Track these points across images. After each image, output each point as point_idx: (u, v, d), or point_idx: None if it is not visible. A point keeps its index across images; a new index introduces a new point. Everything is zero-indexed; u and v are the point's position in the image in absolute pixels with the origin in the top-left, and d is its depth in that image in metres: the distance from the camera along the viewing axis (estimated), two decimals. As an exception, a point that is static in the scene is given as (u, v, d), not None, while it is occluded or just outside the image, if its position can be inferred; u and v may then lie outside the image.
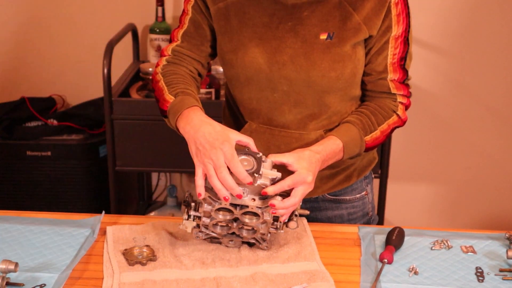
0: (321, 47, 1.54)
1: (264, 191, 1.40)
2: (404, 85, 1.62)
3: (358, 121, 1.59)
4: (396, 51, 1.58)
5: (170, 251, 1.49)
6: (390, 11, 1.54)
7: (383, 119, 1.61)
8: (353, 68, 1.57)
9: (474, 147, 3.04)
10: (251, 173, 1.37)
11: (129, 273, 1.41)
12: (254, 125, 1.66)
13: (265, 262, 1.47)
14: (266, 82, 1.59)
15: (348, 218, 1.76)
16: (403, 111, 1.64)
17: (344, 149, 1.56)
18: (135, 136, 2.57)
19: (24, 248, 1.51)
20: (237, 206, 1.42)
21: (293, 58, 1.55)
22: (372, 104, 1.63)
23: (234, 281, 1.39)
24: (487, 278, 1.43)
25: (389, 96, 1.62)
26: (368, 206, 1.79)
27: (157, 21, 2.83)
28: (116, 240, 1.53)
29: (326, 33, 1.54)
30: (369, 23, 1.54)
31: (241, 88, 1.64)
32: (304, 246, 1.53)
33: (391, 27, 1.55)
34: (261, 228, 1.46)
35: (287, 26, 1.56)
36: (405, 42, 1.58)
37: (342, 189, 1.73)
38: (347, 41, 1.54)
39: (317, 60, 1.55)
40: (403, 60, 1.60)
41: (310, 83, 1.57)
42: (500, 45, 2.87)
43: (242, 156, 1.39)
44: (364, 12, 1.53)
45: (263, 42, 1.57)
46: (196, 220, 1.45)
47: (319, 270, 1.44)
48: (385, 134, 1.62)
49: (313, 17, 1.55)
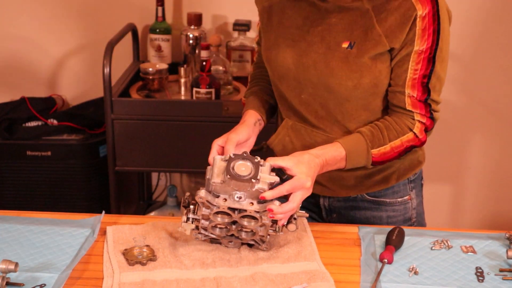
0: (341, 56, 1.55)
1: (262, 195, 1.39)
2: (423, 103, 1.57)
3: (368, 133, 1.57)
4: (417, 66, 1.54)
5: (170, 251, 1.49)
6: (415, 24, 1.51)
7: (396, 135, 1.57)
8: (373, 79, 1.56)
9: (474, 147, 3.04)
10: (249, 179, 1.37)
11: (129, 273, 1.41)
12: (290, 122, 1.69)
13: (265, 262, 1.47)
14: (295, 83, 1.63)
15: (387, 221, 1.73)
16: (420, 130, 1.58)
17: (346, 158, 1.54)
18: (135, 136, 2.57)
19: (24, 248, 1.51)
20: (235, 210, 1.42)
21: (315, 63, 1.58)
22: (389, 119, 1.59)
23: (234, 281, 1.39)
24: (487, 278, 1.43)
25: (405, 113, 1.58)
26: (411, 212, 1.75)
27: (157, 21, 2.83)
28: (116, 240, 1.53)
29: (348, 42, 1.54)
30: (391, 35, 1.52)
31: (277, 85, 1.68)
32: (304, 246, 1.53)
33: (413, 41, 1.52)
34: (260, 230, 1.46)
35: (316, 31, 1.58)
36: (430, 60, 1.54)
37: (381, 191, 1.71)
38: (366, 52, 1.53)
39: (335, 68, 1.55)
40: (426, 78, 1.55)
41: (329, 89, 1.58)
42: (501, 45, 2.87)
43: (240, 161, 1.39)
44: (387, 24, 1.52)
45: (294, 44, 1.60)
46: (195, 222, 1.45)
47: (319, 270, 1.44)
48: (397, 151, 1.58)
49: (340, 24, 1.55)
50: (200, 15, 2.75)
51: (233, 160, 1.38)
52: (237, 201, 1.39)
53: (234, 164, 1.38)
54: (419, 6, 1.50)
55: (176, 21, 2.90)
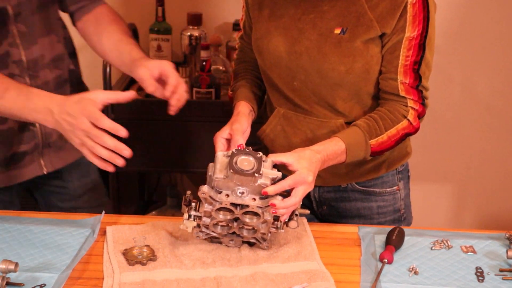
0: (333, 41, 1.58)
1: (264, 190, 1.40)
2: (415, 90, 1.60)
3: (364, 125, 1.59)
4: (409, 53, 1.57)
5: (170, 251, 1.49)
6: (406, 11, 1.54)
7: (391, 124, 1.60)
8: (365, 64, 1.58)
9: (474, 147, 3.04)
10: (252, 173, 1.37)
11: (129, 273, 1.41)
12: (282, 110, 1.71)
13: (265, 261, 1.47)
14: (287, 70, 1.65)
15: (377, 212, 1.76)
16: (414, 117, 1.61)
17: (346, 151, 1.56)
18: (135, 136, 2.56)
19: (24, 248, 1.51)
20: (237, 205, 1.42)
21: (308, 50, 1.61)
22: (382, 109, 1.62)
23: (234, 281, 1.39)
24: (487, 278, 1.43)
25: (399, 100, 1.61)
26: (399, 203, 1.78)
27: (157, 21, 2.83)
28: (116, 240, 1.53)
29: (340, 28, 1.58)
30: (382, 21, 1.55)
31: (268, 74, 1.71)
32: (304, 245, 1.53)
33: (405, 28, 1.55)
34: (262, 227, 1.46)
35: (308, 18, 1.61)
36: (421, 46, 1.57)
37: (371, 180, 1.74)
38: (358, 37, 1.56)
39: (328, 53, 1.58)
40: (417, 65, 1.58)
41: (322, 75, 1.61)
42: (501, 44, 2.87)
43: (243, 156, 1.40)
44: (378, 10, 1.55)
45: (285, 32, 1.63)
46: (197, 220, 1.45)
47: (319, 270, 1.44)
48: (393, 139, 1.61)
49: (332, 12, 1.59)
50: (200, 15, 2.75)
51: (236, 155, 1.39)
52: (239, 197, 1.40)
53: (237, 159, 1.39)
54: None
55: (176, 21, 2.90)
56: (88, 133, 1.39)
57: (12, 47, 1.63)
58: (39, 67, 1.69)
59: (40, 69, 1.69)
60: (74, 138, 1.42)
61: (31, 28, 1.66)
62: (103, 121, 1.40)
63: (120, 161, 1.43)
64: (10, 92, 1.48)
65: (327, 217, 1.82)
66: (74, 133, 1.41)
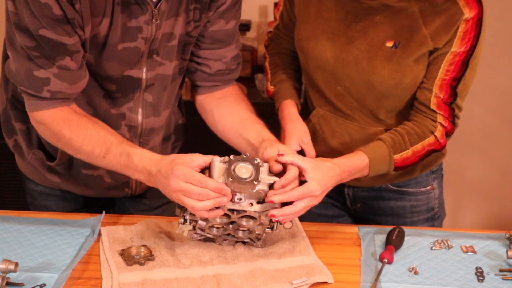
0: (385, 55, 1.56)
1: (270, 199, 1.39)
2: (448, 106, 1.58)
3: (389, 139, 1.57)
4: (450, 68, 1.55)
5: (167, 251, 1.49)
6: (458, 26, 1.52)
7: (417, 139, 1.58)
8: (413, 78, 1.57)
9: (474, 147, 3.03)
10: (251, 181, 1.37)
11: (127, 274, 1.41)
12: (321, 111, 1.70)
13: (262, 258, 1.47)
14: (331, 75, 1.63)
15: (410, 211, 1.76)
16: (442, 134, 1.59)
17: (370, 165, 1.55)
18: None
19: (24, 248, 1.51)
20: (234, 211, 1.42)
21: (357, 60, 1.58)
22: (409, 124, 1.60)
23: (234, 278, 1.39)
24: (487, 278, 1.43)
25: (428, 113, 1.59)
26: (433, 202, 1.78)
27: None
28: (112, 241, 1.53)
29: (393, 41, 1.55)
30: (436, 37, 1.53)
31: (310, 75, 1.69)
32: (297, 240, 1.54)
33: (453, 42, 1.53)
34: (257, 229, 1.46)
35: (358, 26, 1.58)
36: (464, 64, 1.55)
37: (405, 181, 1.73)
38: (411, 53, 1.54)
39: (378, 66, 1.56)
40: (456, 82, 1.56)
41: (369, 86, 1.59)
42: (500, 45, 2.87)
43: (241, 163, 1.39)
44: (433, 26, 1.52)
45: (333, 37, 1.61)
46: (193, 223, 1.45)
47: (316, 264, 1.45)
48: (418, 155, 1.59)
49: (385, 23, 1.56)
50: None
51: (234, 162, 1.38)
52: (237, 203, 1.39)
53: (235, 166, 1.38)
54: (466, 10, 1.50)
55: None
56: (183, 192, 1.37)
57: (131, 113, 1.60)
58: (152, 135, 1.67)
59: (153, 137, 1.68)
60: (174, 199, 1.40)
61: (157, 101, 1.63)
62: (201, 182, 1.36)
63: (225, 199, 1.37)
64: (112, 153, 1.47)
65: (360, 214, 1.83)
66: (171, 195, 1.40)
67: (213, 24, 1.59)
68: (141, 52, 1.52)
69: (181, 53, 1.60)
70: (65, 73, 1.44)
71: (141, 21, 1.47)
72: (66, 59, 1.43)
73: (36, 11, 1.37)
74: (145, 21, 1.47)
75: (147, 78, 1.57)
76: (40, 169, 1.68)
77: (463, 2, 1.51)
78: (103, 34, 1.46)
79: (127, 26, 1.47)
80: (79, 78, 1.47)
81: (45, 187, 1.75)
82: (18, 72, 1.45)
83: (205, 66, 1.65)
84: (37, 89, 1.45)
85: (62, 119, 1.48)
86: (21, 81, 1.46)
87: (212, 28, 1.60)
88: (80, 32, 1.42)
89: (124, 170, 1.47)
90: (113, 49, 1.48)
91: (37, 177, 1.73)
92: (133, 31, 1.48)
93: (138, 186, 1.75)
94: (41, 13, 1.37)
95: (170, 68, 1.60)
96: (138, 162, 1.44)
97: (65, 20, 1.39)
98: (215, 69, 1.65)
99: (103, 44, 1.47)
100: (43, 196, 1.77)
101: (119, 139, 1.49)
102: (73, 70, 1.45)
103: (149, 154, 1.45)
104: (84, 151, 1.48)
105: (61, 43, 1.41)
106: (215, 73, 1.65)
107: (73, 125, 1.48)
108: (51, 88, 1.45)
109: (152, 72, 1.57)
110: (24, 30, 1.40)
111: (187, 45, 1.60)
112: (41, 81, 1.44)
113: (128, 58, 1.51)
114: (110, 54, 1.49)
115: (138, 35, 1.49)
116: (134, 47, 1.50)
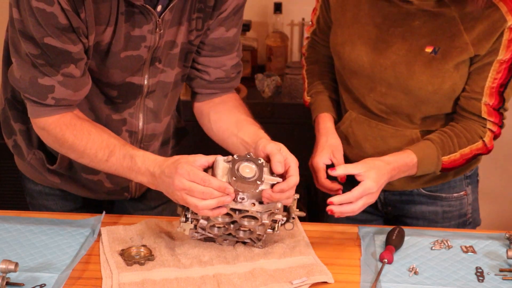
0: (424, 60, 1.55)
1: (329, 200, 1.44)
2: (497, 112, 1.58)
3: (438, 140, 1.57)
4: (498, 75, 1.54)
5: (167, 250, 1.49)
6: (502, 34, 1.50)
7: (466, 143, 1.58)
8: (452, 84, 1.57)
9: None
10: (254, 181, 1.37)
11: (127, 274, 1.41)
12: (354, 114, 1.70)
13: (262, 258, 1.47)
14: (367, 80, 1.63)
15: (442, 216, 1.75)
16: (490, 139, 1.60)
17: (418, 165, 1.55)
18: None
19: (24, 248, 1.51)
20: (236, 210, 1.42)
21: (395, 65, 1.57)
22: (458, 126, 1.59)
23: (234, 278, 1.39)
24: (487, 278, 1.43)
25: (478, 120, 1.59)
26: (466, 207, 1.77)
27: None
28: (112, 241, 1.53)
29: (432, 47, 1.54)
30: (478, 44, 1.51)
31: (345, 79, 1.68)
32: (297, 240, 1.54)
33: (498, 50, 1.52)
34: (258, 229, 1.46)
35: (396, 31, 1.57)
36: (510, 69, 1.54)
37: (438, 185, 1.72)
38: (451, 59, 1.53)
39: (417, 72, 1.56)
40: (503, 87, 1.55)
41: (407, 91, 1.59)
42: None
43: (244, 163, 1.39)
44: (475, 33, 1.51)
45: (370, 42, 1.60)
46: (194, 222, 1.45)
47: (316, 264, 1.45)
48: (465, 158, 1.59)
49: (423, 28, 1.55)
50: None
51: (237, 161, 1.38)
52: (239, 202, 1.40)
53: (239, 165, 1.38)
54: (509, 17, 1.49)
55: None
56: (187, 191, 1.36)
57: (132, 118, 1.61)
58: (153, 140, 1.67)
59: (153, 142, 1.68)
60: (177, 199, 1.40)
61: (158, 107, 1.63)
62: (204, 180, 1.36)
63: (228, 198, 1.37)
64: (115, 156, 1.47)
65: (391, 217, 1.83)
66: (174, 194, 1.39)
67: (213, 31, 1.59)
68: (144, 60, 1.52)
69: (183, 61, 1.60)
70: (69, 80, 1.45)
71: (145, 30, 1.47)
72: (71, 67, 1.44)
73: (41, 20, 1.37)
74: (148, 30, 1.47)
75: (149, 85, 1.57)
76: (40, 170, 1.68)
77: (505, 9, 1.49)
78: (106, 42, 1.46)
79: (131, 35, 1.47)
80: (83, 85, 1.48)
81: (45, 187, 1.75)
82: (23, 79, 1.45)
83: (205, 73, 1.64)
84: (41, 96, 1.45)
85: (65, 124, 1.48)
86: (25, 88, 1.46)
87: (212, 35, 1.60)
88: (84, 40, 1.43)
89: (127, 173, 1.47)
90: (116, 56, 1.48)
91: (37, 177, 1.73)
92: (136, 39, 1.48)
93: (138, 190, 1.76)
94: (47, 22, 1.37)
95: (172, 75, 1.60)
96: (142, 164, 1.44)
97: (70, 29, 1.39)
98: (215, 77, 1.65)
99: (106, 51, 1.48)
100: (43, 196, 1.77)
101: (122, 142, 1.50)
102: (77, 77, 1.45)
103: (153, 156, 1.45)
104: (87, 155, 1.48)
105: (66, 51, 1.41)
106: (214, 81, 1.65)
107: (76, 129, 1.48)
108: (56, 96, 1.45)
109: (153, 79, 1.57)
110: (29, 38, 1.40)
111: (189, 53, 1.60)
112: (45, 89, 1.44)
113: (131, 65, 1.51)
114: (113, 62, 1.49)
115: (142, 44, 1.49)
116: (137, 55, 1.50)
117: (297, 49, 3.05)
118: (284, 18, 2.96)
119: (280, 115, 2.75)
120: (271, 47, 2.93)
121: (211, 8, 1.55)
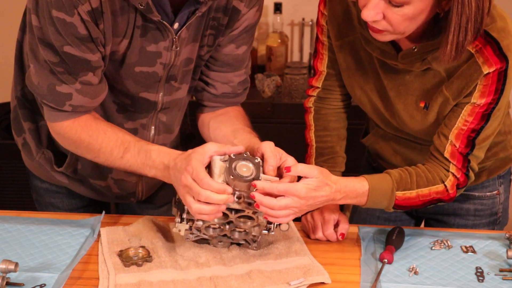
0: (421, 115, 1.56)
1: (253, 183, 1.36)
2: (463, 157, 1.52)
3: (397, 174, 1.52)
4: (469, 119, 1.49)
5: (164, 252, 1.49)
6: (478, 83, 1.47)
7: (426, 183, 1.52)
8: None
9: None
10: (251, 180, 1.37)
11: (124, 275, 1.41)
12: (381, 131, 1.71)
13: (258, 259, 1.47)
14: (382, 116, 1.65)
15: (474, 214, 1.75)
16: (452, 185, 1.53)
17: (369, 194, 1.49)
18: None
19: (24, 248, 1.51)
20: (232, 210, 1.42)
21: (399, 114, 1.59)
22: (421, 166, 1.55)
23: (231, 280, 1.39)
24: (487, 278, 1.43)
25: (441, 161, 1.53)
26: (498, 206, 1.76)
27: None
28: (110, 241, 1.53)
29: (424, 102, 1.54)
30: (458, 97, 1.49)
31: (363, 110, 1.70)
32: (292, 241, 1.54)
33: (472, 94, 1.48)
34: (254, 230, 1.46)
35: (391, 84, 1.58)
36: (484, 116, 1.49)
37: (471, 185, 1.71)
38: (439, 113, 1.53)
39: (420, 123, 1.57)
40: (474, 133, 1.50)
41: (414, 132, 1.61)
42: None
43: (242, 162, 1.39)
44: (453, 87, 1.49)
45: (376, 89, 1.60)
46: (189, 223, 1.45)
47: (313, 265, 1.45)
48: (423, 199, 1.53)
49: (415, 83, 1.54)
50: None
51: (234, 160, 1.38)
52: (236, 201, 1.39)
53: (236, 164, 1.38)
54: (485, 68, 1.45)
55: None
56: (189, 189, 1.36)
57: (144, 129, 1.62)
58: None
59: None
60: (180, 195, 1.41)
61: (171, 121, 1.65)
62: (203, 182, 1.35)
63: (223, 207, 1.37)
64: (130, 152, 1.48)
65: (421, 214, 1.82)
66: (179, 189, 1.40)
67: (223, 48, 1.60)
68: (159, 77, 1.53)
69: (193, 74, 1.62)
70: (87, 88, 1.45)
71: (161, 46, 1.47)
72: (89, 75, 1.44)
73: (61, 29, 1.37)
74: (165, 47, 1.48)
75: (163, 102, 1.58)
76: (48, 169, 1.69)
77: (482, 60, 1.45)
78: (121, 53, 1.47)
79: (146, 50, 1.47)
80: (100, 92, 1.49)
81: (51, 185, 1.76)
82: (41, 85, 1.46)
83: (212, 87, 1.65)
84: (59, 103, 1.46)
85: (80, 126, 1.49)
86: (43, 95, 1.47)
87: (223, 51, 1.60)
88: (102, 49, 1.44)
89: (141, 168, 1.48)
90: (130, 68, 1.49)
91: (44, 175, 1.74)
92: (151, 55, 1.48)
93: (144, 195, 1.76)
94: (66, 32, 1.38)
95: (185, 90, 1.62)
96: (156, 157, 1.45)
97: (89, 39, 1.40)
98: (221, 92, 1.65)
99: (121, 61, 1.49)
100: (49, 193, 1.77)
101: (136, 138, 1.51)
102: (95, 85, 1.46)
103: (168, 150, 1.47)
104: (103, 153, 1.49)
105: (85, 59, 1.42)
106: (220, 95, 1.66)
107: (92, 129, 1.49)
108: (73, 103, 1.46)
109: (168, 97, 1.58)
110: (48, 46, 1.40)
111: (198, 67, 1.61)
112: (63, 96, 1.45)
113: (145, 81, 1.52)
114: (127, 73, 1.50)
115: (157, 60, 1.49)
116: (152, 72, 1.51)
117: (297, 49, 3.05)
118: (284, 18, 2.96)
119: (280, 115, 2.75)
120: (271, 47, 2.93)
121: (223, 26, 1.55)
